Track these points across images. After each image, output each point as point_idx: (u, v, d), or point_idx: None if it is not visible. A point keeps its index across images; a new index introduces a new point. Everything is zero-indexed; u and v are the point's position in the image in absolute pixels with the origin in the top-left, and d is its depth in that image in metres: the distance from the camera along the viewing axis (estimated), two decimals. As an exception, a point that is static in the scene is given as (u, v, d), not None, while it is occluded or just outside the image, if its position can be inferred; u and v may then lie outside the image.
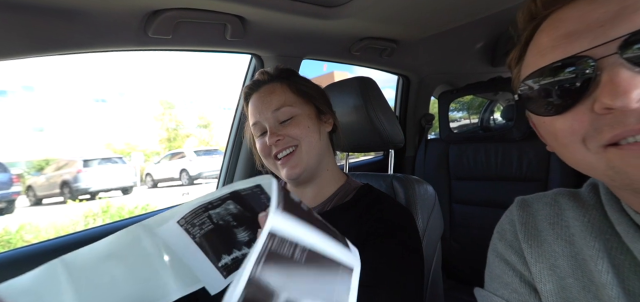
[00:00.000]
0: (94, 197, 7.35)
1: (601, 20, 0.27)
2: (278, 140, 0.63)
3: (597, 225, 0.35)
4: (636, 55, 0.25)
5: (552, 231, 0.38)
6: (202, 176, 9.08)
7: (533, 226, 0.40)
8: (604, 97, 0.27)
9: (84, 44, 0.72)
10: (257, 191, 0.35)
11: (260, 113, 0.66)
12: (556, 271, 0.37)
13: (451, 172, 1.51)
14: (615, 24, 0.26)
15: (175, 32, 0.79)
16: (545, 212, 0.40)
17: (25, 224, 3.94)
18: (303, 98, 0.68)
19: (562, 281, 0.36)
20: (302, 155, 0.64)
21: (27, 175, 10.07)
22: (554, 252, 0.37)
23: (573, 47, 0.28)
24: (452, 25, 1.09)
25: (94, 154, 9.09)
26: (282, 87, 0.67)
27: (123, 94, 18.24)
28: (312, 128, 0.66)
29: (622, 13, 0.26)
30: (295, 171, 0.64)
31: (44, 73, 16.51)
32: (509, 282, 0.40)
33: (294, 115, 0.65)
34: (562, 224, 0.38)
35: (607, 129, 0.28)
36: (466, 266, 1.44)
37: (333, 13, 0.90)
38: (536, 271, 0.38)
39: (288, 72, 0.71)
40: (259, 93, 0.68)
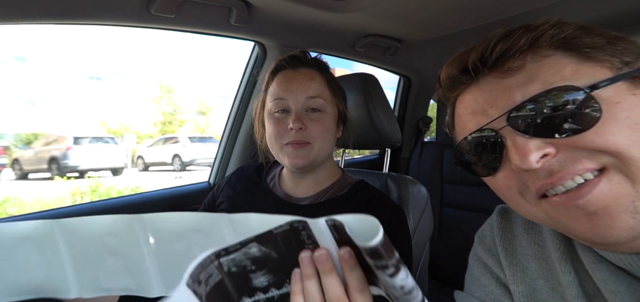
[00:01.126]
0: (83, 175, 7.23)
1: (486, 104, 0.33)
2: (301, 128, 0.62)
3: None
4: (523, 125, 0.30)
5: (526, 235, 0.41)
6: (195, 162, 9.00)
7: (510, 231, 0.42)
8: (513, 159, 0.31)
9: (84, 15, 0.70)
10: (299, 226, 0.32)
11: (292, 93, 0.63)
12: (528, 273, 0.39)
13: (444, 176, 1.52)
14: (500, 101, 0.32)
15: (178, 12, 0.77)
16: (522, 218, 0.42)
17: (9, 198, 3.86)
18: (334, 98, 0.67)
19: (533, 282, 0.38)
20: (313, 152, 0.63)
21: (15, 148, 9.85)
22: (527, 256, 0.40)
23: (479, 120, 0.34)
24: (458, 30, 1.09)
25: (85, 132, 8.93)
26: (321, 78, 0.66)
27: (119, 74, 17.91)
28: (332, 130, 0.66)
29: (505, 92, 0.32)
30: (302, 162, 0.63)
31: (38, 44, 16.08)
32: (486, 284, 0.42)
33: (323, 109, 0.64)
34: (536, 229, 0.40)
35: (531, 184, 0.32)
36: (451, 269, 1.46)
37: (341, 6, 0.89)
38: (510, 273, 0.40)
39: (325, 65, 0.70)
40: (297, 73, 0.66)
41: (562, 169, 0.29)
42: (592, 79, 0.29)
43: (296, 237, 0.32)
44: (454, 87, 0.37)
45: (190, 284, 0.33)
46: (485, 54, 0.33)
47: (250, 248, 0.33)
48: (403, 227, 0.63)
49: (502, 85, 0.33)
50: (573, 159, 0.29)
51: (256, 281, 0.35)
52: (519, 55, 0.32)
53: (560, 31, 0.31)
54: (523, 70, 0.32)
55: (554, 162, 0.30)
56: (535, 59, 0.31)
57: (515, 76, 0.32)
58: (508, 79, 0.32)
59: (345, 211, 0.66)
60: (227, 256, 0.33)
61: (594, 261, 0.33)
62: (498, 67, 0.33)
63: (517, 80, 0.32)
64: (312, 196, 0.68)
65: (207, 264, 0.33)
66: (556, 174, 0.30)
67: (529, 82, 0.31)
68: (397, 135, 0.93)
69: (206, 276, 0.34)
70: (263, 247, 0.33)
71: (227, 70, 21.88)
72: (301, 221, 0.31)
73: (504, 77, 0.32)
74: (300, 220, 0.31)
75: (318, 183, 0.69)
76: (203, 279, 0.34)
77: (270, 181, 0.74)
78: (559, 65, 0.30)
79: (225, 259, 0.33)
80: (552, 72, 0.30)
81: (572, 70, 0.30)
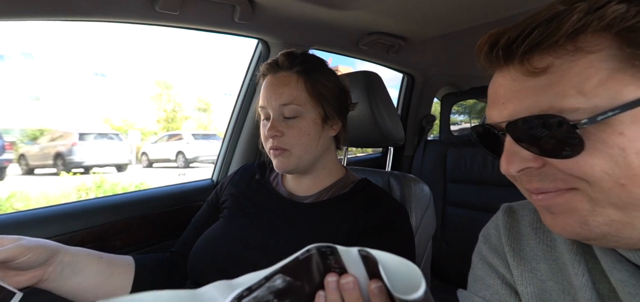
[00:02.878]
0: (88, 171, 7.29)
1: (502, 99, 0.33)
2: (275, 136, 0.63)
3: None
4: (517, 133, 0.31)
5: (534, 236, 0.40)
6: (199, 159, 9.04)
7: (516, 231, 0.41)
8: (500, 161, 0.33)
9: (89, 12, 0.71)
10: (327, 251, 0.31)
11: (268, 101, 0.64)
12: (537, 274, 0.38)
13: (447, 174, 1.52)
14: (512, 104, 0.32)
15: (182, 9, 0.78)
16: (529, 217, 0.41)
17: (15, 192, 3.91)
18: (315, 99, 0.64)
19: (542, 283, 0.38)
20: (293, 158, 0.64)
21: (21, 143, 9.96)
22: (536, 256, 0.39)
23: (492, 115, 0.35)
24: (462, 27, 1.08)
25: (90, 128, 9.00)
26: (297, 82, 0.64)
27: (123, 71, 18.01)
28: (312, 134, 0.64)
29: (519, 95, 0.31)
30: (283, 167, 0.64)
31: (44, 41, 16.22)
32: (490, 284, 0.42)
33: (299, 115, 0.63)
34: (545, 229, 0.39)
35: (518, 182, 0.34)
36: (453, 268, 1.46)
37: (344, 3, 0.89)
38: (518, 274, 0.39)
39: (313, 64, 0.67)
40: (274, 78, 0.65)
41: (539, 182, 0.32)
42: (612, 98, 0.27)
43: (324, 261, 0.32)
44: (487, 64, 0.35)
45: None
46: (517, 40, 0.30)
47: (274, 281, 0.32)
48: (406, 226, 0.63)
49: (521, 85, 0.31)
50: (551, 176, 0.31)
51: None
52: (550, 49, 0.29)
53: (627, 13, 0.26)
54: (547, 73, 0.29)
55: (535, 173, 0.32)
56: (570, 57, 0.28)
57: (537, 78, 0.29)
58: (530, 80, 0.30)
59: (347, 210, 0.66)
60: (250, 296, 0.31)
61: (614, 262, 0.32)
62: (524, 63, 0.30)
63: (535, 84, 0.29)
64: (314, 194, 0.68)
65: None
66: (533, 185, 0.32)
67: (542, 91, 0.29)
68: (400, 134, 0.93)
69: None
70: (288, 277, 0.32)
71: (231, 68, 21.92)
72: (330, 247, 0.30)
73: (527, 76, 0.30)
74: (329, 246, 0.30)
75: (318, 182, 0.69)
76: None
77: (274, 179, 0.74)
78: (590, 72, 0.27)
79: (247, 299, 0.31)
80: (575, 82, 0.28)
81: (599, 81, 0.27)
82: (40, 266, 0.50)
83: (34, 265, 0.49)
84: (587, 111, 0.27)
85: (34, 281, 0.50)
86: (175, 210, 0.94)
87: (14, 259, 0.46)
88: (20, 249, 0.47)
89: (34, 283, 0.50)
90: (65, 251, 0.53)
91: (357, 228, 0.59)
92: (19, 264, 0.47)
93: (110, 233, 0.82)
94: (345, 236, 0.59)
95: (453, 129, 1.58)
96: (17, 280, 0.48)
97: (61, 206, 0.80)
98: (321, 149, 0.67)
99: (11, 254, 0.46)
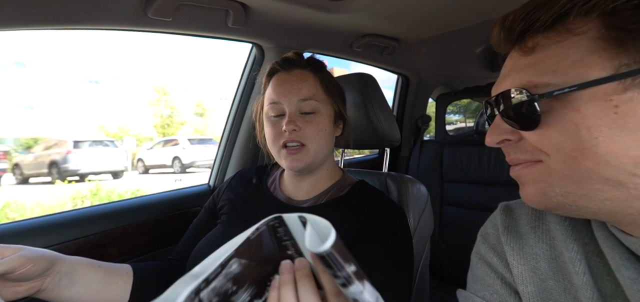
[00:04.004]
0: (83, 179, 7.23)
1: (501, 77, 0.35)
2: (294, 130, 0.62)
3: (578, 229, 0.37)
4: (499, 108, 0.34)
5: (533, 234, 0.40)
6: (195, 164, 9.00)
7: (515, 230, 0.41)
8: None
9: (81, 20, 0.70)
10: (275, 224, 0.32)
11: (285, 96, 0.63)
12: (537, 273, 0.38)
13: (444, 174, 1.53)
14: (506, 80, 0.34)
15: (175, 15, 0.78)
16: (527, 216, 0.41)
17: (10, 202, 3.86)
18: (329, 97, 0.67)
19: (543, 282, 0.37)
20: (310, 154, 0.63)
21: (15, 153, 9.84)
22: (535, 255, 0.39)
23: (496, 88, 0.36)
24: (455, 28, 1.10)
25: (85, 136, 8.92)
26: (314, 79, 0.65)
27: (117, 77, 17.89)
28: (328, 131, 0.65)
29: (506, 76, 0.34)
30: (299, 165, 0.63)
31: (37, 49, 16.07)
32: (490, 284, 0.41)
33: (317, 110, 0.64)
34: (544, 228, 0.39)
35: (506, 156, 0.36)
36: (452, 267, 1.46)
37: (337, 6, 0.89)
38: (518, 273, 0.39)
39: (320, 64, 0.69)
40: (290, 75, 0.65)
41: (514, 154, 0.35)
42: (580, 77, 0.28)
43: (274, 235, 0.33)
44: (497, 45, 0.37)
45: None
46: (516, 21, 0.32)
47: (230, 267, 0.32)
48: (403, 227, 0.63)
49: (515, 64, 0.33)
50: (521, 149, 0.34)
51: (240, 300, 0.33)
52: (543, 31, 0.31)
53: None
54: (534, 52, 0.31)
55: (513, 146, 0.35)
56: (557, 38, 0.30)
57: (527, 57, 0.32)
58: (522, 59, 0.32)
59: (345, 212, 0.66)
60: (208, 287, 0.31)
61: (622, 259, 0.32)
62: (520, 42, 0.33)
63: (524, 63, 0.32)
64: (312, 198, 0.68)
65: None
66: (510, 156, 0.36)
67: (527, 69, 0.31)
68: (396, 135, 0.94)
69: None
70: (243, 260, 0.32)
71: (226, 72, 21.87)
72: (277, 217, 0.32)
73: (521, 56, 0.33)
74: (276, 216, 0.32)
75: (318, 184, 0.69)
76: None
77: (271, 184, 0.74)
78: (568, 52, 0.29)
79: (205, 292, 0.31)
80: (554, 61, 0.30)
81: (572, 61, 0.29)
82: (39, 277, 0.49)
83: (33, 276, 0.48)
84: (555, 87, 0.29)
85: (32, 292, 0.49)
86: (172, 216, 0.94)
87: (14, 271, 0.46)
88: (21, 260, 0.46)
89: (31, 294, 0.49)
90: (63, 261, 0.52)
91: (354, 230, 0.59)
92: (18, 276, 0.46)
93: (106, 241, 0.81)
94: (342, 239, 0.59)
95: (449, 129, 1.59)
96: (14, 291, 0.47)
97: (57, 215, 0.79)
98: (331, 147, 0.68)
99: (12, 265, 0.45)
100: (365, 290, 0.29)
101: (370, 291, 0.30)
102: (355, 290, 0.29)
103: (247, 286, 0.33)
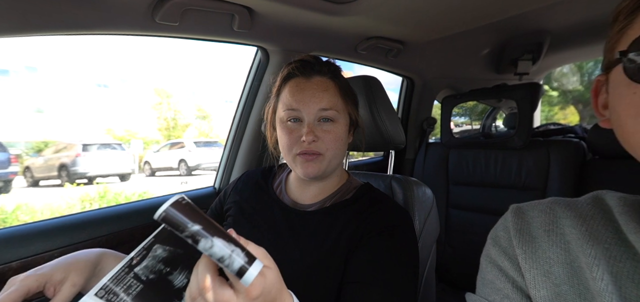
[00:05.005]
0: (92, 182, 7.34)
1: None
2: (313, 141, 0.61)
3: (595, 234, 0.36)
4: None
5: (547, 238, 0.39)
6: (201, 167, 9.07)
7: (528, 233, 0.40)
8: None
9: (91, 26, 0.72)
10: (182, 201, 0.33)
11: (305, 104, 0.62)
12: (550, 278, 0.37)
13: (450, 176, 1.51)
14: None
15: (182, 20, 0.79)
16: (540, 219, 0.40)
17: (21, 205, 3.94)
18: (346, 105, 0.66)
19: (557, 287, 0.36)
20: (325, 162, 0.63)
21: (26, 156, 10.05)
22: (549, 259, 0.38)
23: None
24: (460, 30, 1.09)
25: (93, 139, 9.08)
26: (335, 87, 0.64)
27: (125, 81, 18.19)
28: (344, 140, 0.65)
29: None
30: (314, 172, 0.63)
31: (48, 54, 16.45)
32: (501, 288, 0.41)
33: (336, 119, 0.63)
34: (558, 231, 0.38)
35: None
36: (459, 271, 1.45)
37: (342, 10, 0.90)
38: (530, 277, 0.38)
39: (338, 70, 0.67)
40: (310, 82, 0.63)
41: None
42: None
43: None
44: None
45: (102, 296, 0.34)
46: None
47: (155, 251, 0.35)
48: (409, 230, 0.62)
49: None
50: None
51: (176, 282, 0.36)
52: None
53: None
54: None
55: None
56: None
57: None
58: None
59: (350, 215, 0.66)
60: (140, 265, 0.35)
61: None
62: None
63: None
64: (318, 202, 0.68)
65: (121, 276, 0.35)
66: None
67: None
68: (401, 137, 0.93)
69: (125, 287, 0.34)
70: (166, 246, 0.35)
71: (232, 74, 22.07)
72: (181, 196, 0.34)
73: None
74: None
75: (325, 189, 0.69)
76: (122, 289, 0.34)
77: (277, 187, 0.74)
78: None
79: (139, 268, 0.35)
80: None
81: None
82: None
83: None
84: None
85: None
86: (178, 219, 0.94)
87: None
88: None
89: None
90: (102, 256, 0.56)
91: (359, 232, 0.59)
92: None
93: (114, 243, 0.82)
94: (347, 242, 0.59)
95: (454, 131, 1.57)
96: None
97: (66, 218, 0.80)
98: (345, 154, 0.68)
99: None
100: (214, 246, 0.30)
101: (221, 245, 0.31)
102: (204, 246, 0.30)
103: (180, 268, 0.36)
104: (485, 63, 1.61)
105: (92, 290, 0.34)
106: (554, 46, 1.49)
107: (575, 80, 7.85)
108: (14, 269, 0.68)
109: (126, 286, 0.34)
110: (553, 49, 1.53)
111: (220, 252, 0.30)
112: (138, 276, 0.35)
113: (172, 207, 0.30)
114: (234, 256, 0.30)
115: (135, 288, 0.34)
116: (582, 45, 1.56)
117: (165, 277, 0.35)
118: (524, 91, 1.30)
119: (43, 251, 0.72)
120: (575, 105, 8.54)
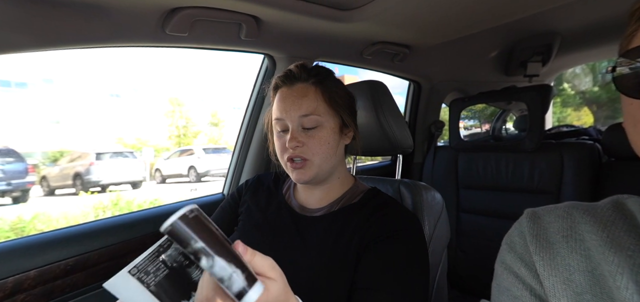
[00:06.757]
0: (105, 190, 7.51)
1: None
2: (297, 146, 0.63)
3: (617, 241, 0.34)
4: None
5: (565, 244, 0.37)
6: (210, 173, 9.18)
7: (545, 239, 0.39)
8: None
9: (104, 39, 0.75)
10: (189, 215, 0.34)
11: (287, 112, 0.64)
12: (571, 286, 0.35)
13: (459, 180, 1.49)
14: None
15: (191, 30, 0.81)
16: (557, 225, 0.39)
17: (38, 214, 4.05)
18: (333, 109, 0.66)
19: (578, 296, 0.35)
20: (313, 168, 0.63)
21: (42, 165, 10.37)
22: (569, 266, 0.36)
23: None
24: (466, 33, 1.08)
25: (106, 148, 9.32)
26: (315, 93, 0.65)
27: (136, 90, 18.66)
28: (332, 143, 0.65)
29: None
30: (304, 178, 0.64)
31: (63, 67, 17.06)
32: (518, 296, 0.39)
33: (319, 125, 0.64)
34: (577, 237, 0.37)
35: None
36: (471, 276, 1.41)
37: (347, 16, 0.90)
38: (549, 285, 0.37)
39: (325, 74, 0.68)
40: (291, 90, 0.65)
41: None
42: None
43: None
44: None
45: (134, 273, 0.36)
46: None
47: (170, 249, 0.38)
48: (417, 234, 0.61)
49: None
50: None
51: (194, 275, 0.38)
52: None
53: None
54: None
55: None
56: None
57: None
58: None
59: (358, 220, 0.66)
60: (166, 252, 0.38)
61: None
62: None
63: None
64: (325, 206, 0.68)
65: (153, 258, 0.37)
66: None
67: None
68: (409, 141, 0.92)
69: (154, 268, 0.37)
70: (178, 246, 0.36)
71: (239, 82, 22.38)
72: (166, 237, 0.35)
73: None
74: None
75: (331, 193, 0.69)
76: (152, 270, 0.37)
77: (286, 191, 0.75)
78: None
79: (165, 255, 0.38)
80: None
81: None
82: None
83: None
84: None
85: None
86: (187, 225, 0.96)
87: None
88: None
89: None
90: None
91: (366, 237, 0.59)
92: None
93: (126, 251, 0.83)
94: (356, 246, 0.58)
95: (463, 134, 1.55)
96: None
97: (79, 227, 0.83)
98: (338, 158, 0.68)
99: None
100: (215, 265, 0.31)
101: (222, 265, 0.31)
102: (205, 264, 0.31)
103: (196, 265, 0.38)
104: (494, 65, 1.59)
105: (126, 267, 0.37)
106: (565, 47, 1.46)
107: (588, 81, 7.65)
108: (31, 277, 0.70)
109: (155, 267, 0.37)
110: (563, 50, 1.49)
111: (221, 272, 0.31)
112: (165, 262, 0.38)
113: (179, 220, 0.31)
114: (234, 277, 0.31)
115: (162, 272, 0.37)
116: (594, 46, 1.52)
117: (185, 269, 0.38)
118: (534, 93, 1.27)
119: (58, 260, 0.74)
120: (589, 106, 8.31)
